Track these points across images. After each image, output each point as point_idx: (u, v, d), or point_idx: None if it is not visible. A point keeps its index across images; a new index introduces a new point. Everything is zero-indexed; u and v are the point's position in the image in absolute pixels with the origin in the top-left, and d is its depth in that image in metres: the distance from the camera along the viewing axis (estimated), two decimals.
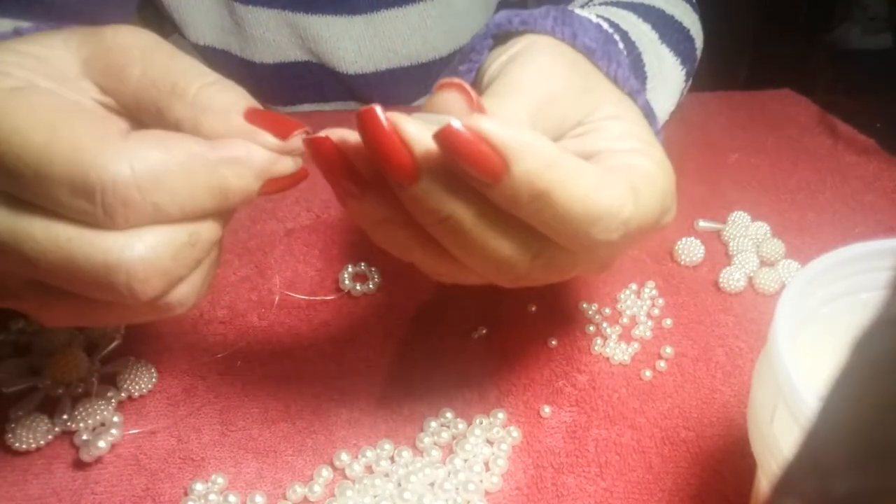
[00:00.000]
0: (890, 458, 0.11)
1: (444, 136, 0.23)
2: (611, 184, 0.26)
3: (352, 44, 0.59)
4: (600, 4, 0.47)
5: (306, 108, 0.65)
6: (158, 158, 0.24)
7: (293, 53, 0.60)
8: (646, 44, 0.43)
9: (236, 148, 0.26)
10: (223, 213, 0.27)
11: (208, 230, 0.27)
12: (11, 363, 0.38)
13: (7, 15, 0.46)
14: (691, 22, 0.52)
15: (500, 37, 0.34)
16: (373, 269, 0.44)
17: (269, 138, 0.27)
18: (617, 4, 0.47)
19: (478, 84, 0.34)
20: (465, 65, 0.35)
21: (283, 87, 0.63)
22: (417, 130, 0.24)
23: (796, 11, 1.25)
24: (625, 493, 0.33)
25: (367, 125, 0.24)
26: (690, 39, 0.50)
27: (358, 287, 0.43)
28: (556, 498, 0.33)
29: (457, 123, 0.23)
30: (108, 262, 0.24)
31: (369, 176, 0.26)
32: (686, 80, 0.49)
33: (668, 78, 0.46)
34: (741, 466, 0.34)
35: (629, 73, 0.33)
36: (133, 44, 0.28)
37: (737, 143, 0.56)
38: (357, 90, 0.63)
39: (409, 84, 0.62)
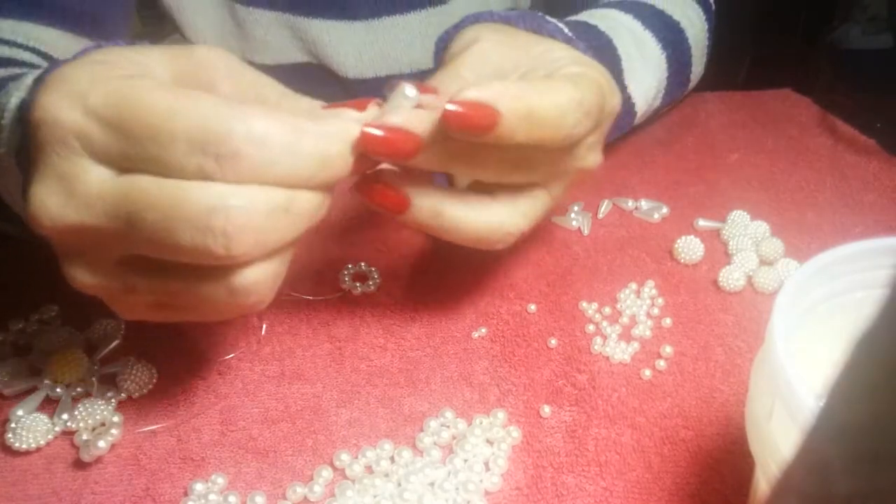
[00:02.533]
0: (890, 458, 0.11)
1: (449, 116, 0.29)
2: (557, 87, 0.32)
3: (352, 49, 0.59)
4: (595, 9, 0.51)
5: None
6: (269, 122, 0.27)
7: (294, 55, 0.60)
8: (622, 32, 0.48)
9: (332, 121, 0.30)
10: (321, 187, 0.30)
11: (304, 198, 0.29)
12: (11, 363, 0.38)
13: (10, 16, 0.46)
14: (689, 16, 0.53)
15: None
16: (373, 269, 0.44)
17: (352, 112, 0.32)
18: (607, 5, 0.51)
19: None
20: None
21: None
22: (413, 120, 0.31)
23: (796, 11, 1.25)
24: (625, 493, 0.33)
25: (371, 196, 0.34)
26: (679, 31, 0.52)
27: (358, 287, 0.43)
28: (556, 498, 0.33)
29: (450, 106, 0.29)
30: (211, 204, 0.27)
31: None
32: (669, 66, 0.51)
33: (650, 57, 0.50)
34: (740, 466, 0.34)
35: (559, 27, 0.39)
36: (218, 60, 0.32)
37: (737, 143, 0.56)
38: (358, 94, 0.63)
39: None
